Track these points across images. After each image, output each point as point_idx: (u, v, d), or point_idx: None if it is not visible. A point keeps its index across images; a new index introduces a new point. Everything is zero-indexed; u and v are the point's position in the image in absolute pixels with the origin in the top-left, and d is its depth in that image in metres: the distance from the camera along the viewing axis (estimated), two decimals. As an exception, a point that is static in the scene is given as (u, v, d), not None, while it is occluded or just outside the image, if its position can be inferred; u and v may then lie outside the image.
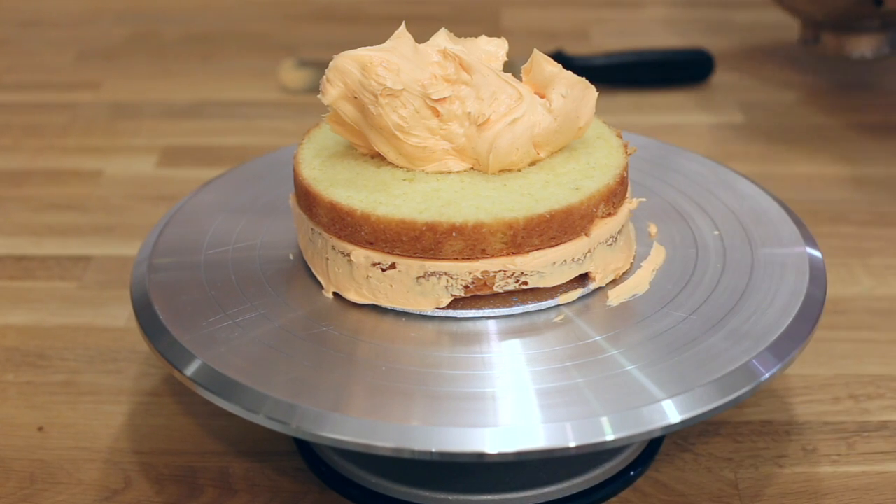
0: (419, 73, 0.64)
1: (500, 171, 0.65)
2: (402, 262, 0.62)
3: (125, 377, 0.77)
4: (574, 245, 0.63)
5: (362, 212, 0.62)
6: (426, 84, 0.63)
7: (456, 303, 0.63)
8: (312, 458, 0.69)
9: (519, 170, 0.65)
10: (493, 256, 0.62)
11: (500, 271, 0.62)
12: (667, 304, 0.64)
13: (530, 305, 0.63)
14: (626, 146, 0.68)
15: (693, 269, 0.67)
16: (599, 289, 0.65)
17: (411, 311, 0.63)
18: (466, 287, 0.62)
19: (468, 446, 0.55)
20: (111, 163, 1.07)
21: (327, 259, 0.64)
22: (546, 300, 0.64)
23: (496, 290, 0.62)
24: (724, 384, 0.58)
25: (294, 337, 0.62)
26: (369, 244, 0.62)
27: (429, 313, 0.63)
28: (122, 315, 0.83)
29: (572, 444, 0.55)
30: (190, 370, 0.60)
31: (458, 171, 0.65)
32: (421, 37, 0.66)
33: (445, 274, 0.62)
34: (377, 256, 0.62)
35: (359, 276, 0.63)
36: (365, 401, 0.57)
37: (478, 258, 0.61)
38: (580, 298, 0.64)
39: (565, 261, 0.63)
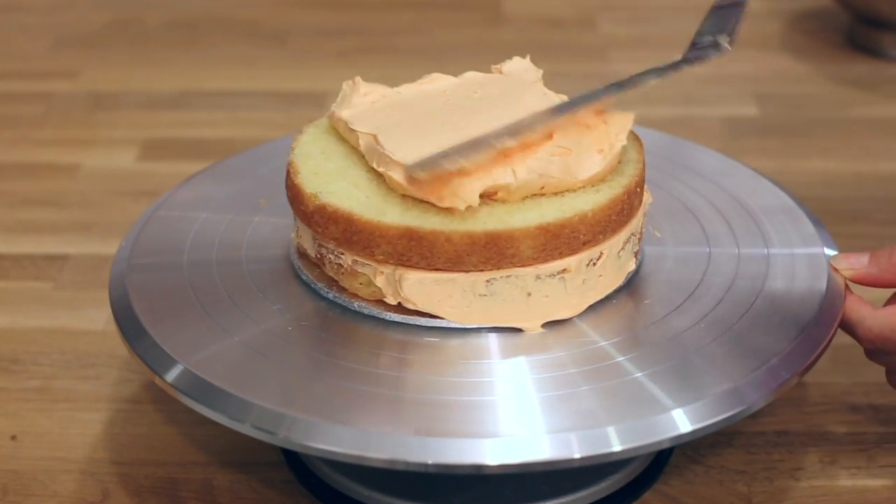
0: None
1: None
2: (607, 245, 0.64)
3: (103, 383, 0.77)
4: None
5: (578, 215, 0.62)
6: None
7: None
8: (301, 469, 0.69)
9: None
10: (642, 196, 0.67)
11: (646, 210, 0.68)
12: (677, 307, 0.64)
13: None
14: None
15: (705, 270, 0.67)
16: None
17: (402, 319, 0.63)
18: (640, 238, 0.67)
19: (467, 458, 0.55)
20: (89, 156, 1.07)
21: (529, 295, 0.62)
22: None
23: (642, 228, 0.68)
24: (737, 392, 0.58)
25: (282, 341, 0.62)
26: (584, 245, 0.63)
27: (428, 323, 0.63)
28: (100, 317, 0.83)
29: (577, 456, 0.55)
30: (171, 376, 0.60)
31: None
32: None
33: (633, 234, 0.66)
34: (591, 254, 0.63)
35: (574, 286, 0.63)
36: (357, 410, 0.57)
37: (640, 205, 0.67)
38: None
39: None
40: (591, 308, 0.64)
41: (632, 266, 0.66)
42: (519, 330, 0.62)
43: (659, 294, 0.66)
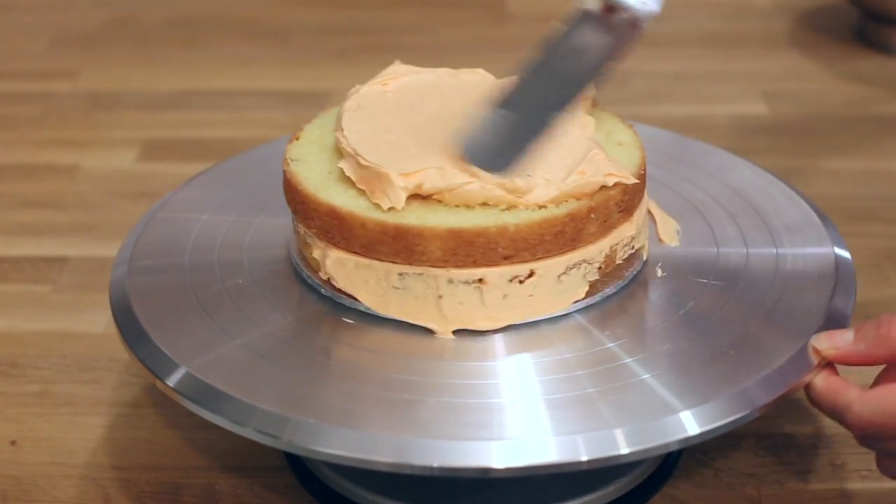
0: None
1: None
2: (541, 265, 0.62)
3: (104, 387, 0.77)
4: (645, 199, 0.67)
5: (497, 227, 0.61)
6: None
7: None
8: (304, 473, 0.69)
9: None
10: (614, 227, 0.64)
11: (619, 242, 0.64)
12: (685, 309, 0.64)
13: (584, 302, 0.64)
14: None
15: (713, 271, 0.67)
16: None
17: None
18: (600, 268, 0.64)
19: (472, 461, 0.55)
20: (89, 157, 1.07)
21: (440, 297, 0.62)
22: (636, 264, 0.67)
23: (617, 261, 0.65)
24: (746, 394, 0.58)
25: (285, 344, 0.62)
26: (505, 259, 0.61)
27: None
28: (100, 320, 0.83)
29: (584, 459, 0.55)
30: (173, 379, 0.60)
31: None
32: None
33: (584, 262, 0.63)
34: (515, 269, 0.62)
35: (492, 299, 0.62)
36: (361, 412, 0.57)
37: (605, 235, 0.63)
38: (597, 303, 0.65)
39: (644, 216, 0.67)
40: (597, 308, 0.64)
41: (581, 294, 0.64)
42: (526, 332, 0.62)
43: (666, 295, 0.66)
